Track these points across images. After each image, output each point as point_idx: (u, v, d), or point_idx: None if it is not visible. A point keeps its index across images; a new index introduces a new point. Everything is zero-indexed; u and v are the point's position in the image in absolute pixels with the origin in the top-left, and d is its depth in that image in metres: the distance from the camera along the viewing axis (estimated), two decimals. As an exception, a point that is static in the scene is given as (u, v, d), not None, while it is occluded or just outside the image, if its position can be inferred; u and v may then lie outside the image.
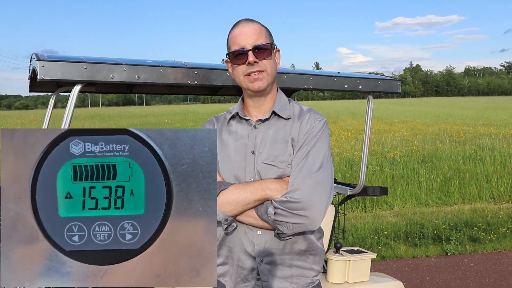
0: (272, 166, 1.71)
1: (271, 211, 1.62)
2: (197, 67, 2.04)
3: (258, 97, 1.77)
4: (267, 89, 1.75)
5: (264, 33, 1.73)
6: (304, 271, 1.78)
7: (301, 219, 1.60)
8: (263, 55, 1.70)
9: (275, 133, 1.74)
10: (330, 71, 2.59)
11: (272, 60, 1.74)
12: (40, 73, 1.71)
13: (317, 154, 1.67)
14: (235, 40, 1.71)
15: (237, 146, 1.77)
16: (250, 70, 1.69)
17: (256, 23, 1.74)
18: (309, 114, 1.76)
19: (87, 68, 1.78)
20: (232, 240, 1.77)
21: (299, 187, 1.61)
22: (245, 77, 1.72)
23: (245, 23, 1.72)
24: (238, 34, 1.71)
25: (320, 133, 1.71)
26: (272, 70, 1.74)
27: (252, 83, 1.71)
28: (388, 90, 2.66)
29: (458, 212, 7.12)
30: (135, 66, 1.88)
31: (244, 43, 1.69)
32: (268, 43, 1.72)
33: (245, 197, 1.65)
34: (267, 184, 1.66)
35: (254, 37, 1.69)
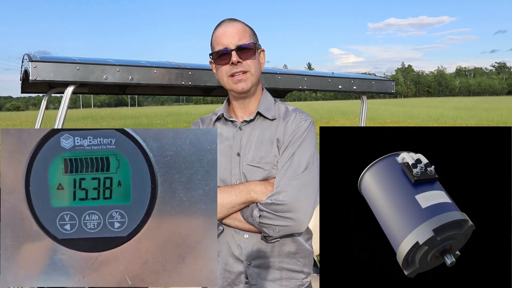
0: (258, 168, 1.68)
1: (256, 213, 1.59)
2: (190, 68, 2.04)
3: (242, 98, 1.75)
4: (251, 90, 1.73)
5: (248, 33, 1.70)
6: (293, 273, 1.76)
7: (287, 222, 1.57)
8: (246, 55, 1.67)
9: (261, 134, 1.72)
10: (324, 72, 2.58)
11: (256, 60, 1.72)
12: (32, 74, 1.70)
13: (302, 155, 1.64)
14: (218, 40, 1.69)
15: (223, 148, 1.74)
16: (234, 71, 1.67)
17: (240, 22, 1.72)
18: (295, 114, 1.73)
19: (80, 69, 1.78)
20: (219, 244, 1.74)
21: (284, 189, 1.58)
22: (228, 78, 1.69)
23: (228, 23, 1.70)
24: (221, 34, 1.68)
25: (306, 133, 1.68)
26: (256, 71, 1.72)
27: (236, 84, 1.68)
28: (382, 90, 2.68)
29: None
30: (128, 67, 1.88)
31: (227, 43, 1.66)
32: (251, 42, 1.69)
33: (230, 200, 1.63)
34: (252, 187, 1.64)
35: (237, 37, 1.66)
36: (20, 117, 45.26)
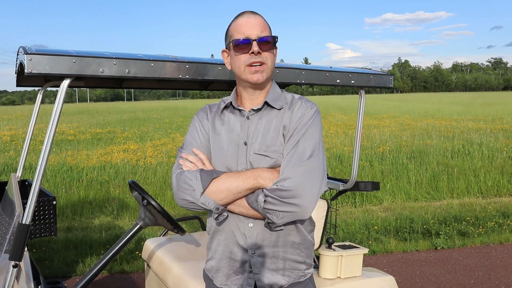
0: (265, 156, 1.70)
1: (261, 199, 1.61)
2: (188, 61, 2.01)
3: (253, 89, 1.76)
4: (264, 83, 1.75)
5: (268, 27, 1.74)
6: (297, 264, 1.77)
7: (292, 208, 1.58)
8: (266, 47, 1.69)
9: (268, 123, 1.73)
10: (322, 66, 2.56)
11: (273, 55, 1.74)
12: (27, 67, 1.66)
13: (308, 142, 1.65)
14: (239, 29, 1.70)
15: (230, 136, 1.76)
16: (252, 60, 1.68)
17: (261, 16, 1.75)
18: (300, 102, 1.75)
19: (76, 62, 1.73)
20: (224, 232, 1.76)
21: (289, 176, 1.60)
22: (246, 67, 1.70)
23: (251, 14, 1.72)
24: (244, 23, 1.70)
25: (311, 120, 1.70)
26: (272, 64, 1.74)
27: (252, 74, 1.69)
28: (380, 85, 2.65)
29: (447, 207, 7.18)
30: (125, 60, 1.84)
31: (249, 33, 1.68)
32: (272, 36, 1.72)
33: (236, 186, 1.64)
34: (259, 173, 1.65)
35: (259, 29, 1.69)
36: (15, 111, 44.95)
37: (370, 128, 18.17)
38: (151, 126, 22.15)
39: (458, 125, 19.08)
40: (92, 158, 10.89)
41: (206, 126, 1.82)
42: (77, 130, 19.64)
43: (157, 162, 10.09)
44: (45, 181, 8.09)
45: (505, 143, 12.19)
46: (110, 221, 6.45)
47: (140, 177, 8.75)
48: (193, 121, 1.86)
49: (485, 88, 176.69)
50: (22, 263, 1.89)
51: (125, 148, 12.92)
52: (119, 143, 14.34)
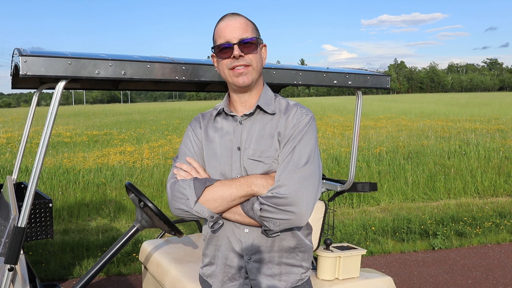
0: (259, 162, 1.69)
1: (257, 207, 1.59)
2: (184, 63, 2.00)
3: (243, 92, 1.75)
4: (252, 84, 1.73)
5: (250, 27, 1.70)
6: (293, 268, 1.76)
7: (288, 215, 1.57)
8: (248, 49, 1.67)
9: (261, 129, 1.72)
10: (319, 67, 2.56)
11: (258, 55, 1.71)
12: (22, 68, 1.64)
13: (303, 149, 1.65)
14: (220, 34, 1.69)
15: (223, 142, 1.75)
16: (235, 64, 1.67)
17: (242, 17, 1.71)
18: (296, 109, 1.74)
19: (71, 64, 1.72)
20: (220, 238, 1.75)
21: (285, 183, 1.59)
22: (229, 71, 1.69)
23: (231, 17, 1.70)
24: (224, 27, 1.68)
25: (307, 127, 1.69)
26: (257, 65, 1.72)
27: (237, 77, 1.68)
28: (377, 85, 2.65)
29: (444, 207, 7.18)
30: (121, 61, 1.83)
31: (230, 37, 1.66)
32: (254, 37, 1.69)
33: (230, 193, 1.63)
34: (253, 180, 1.64)
35: (240, 31, 1.66)
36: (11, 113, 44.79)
37: (367, 129, 18.19)
38: (147, 128, 22.11)
39: (455, 125, 19.13)
40: (88, 160, 10.86)
41: (199, 134, 1.82)
42: (73, 132, 19.58)
43: (153, 164, 10.06)
44: (42, 184, 8.06)
45: (502, 143, 12.23)
46: (106, 223, 6.43)
47: (136, 179, 8.73)
48: (186, 131, 1.87)
49: (481, 89, 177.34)
50: (18, 266, 1.87)
51: (121, 150, 12.89)
52: (116, 145, 14.31)
